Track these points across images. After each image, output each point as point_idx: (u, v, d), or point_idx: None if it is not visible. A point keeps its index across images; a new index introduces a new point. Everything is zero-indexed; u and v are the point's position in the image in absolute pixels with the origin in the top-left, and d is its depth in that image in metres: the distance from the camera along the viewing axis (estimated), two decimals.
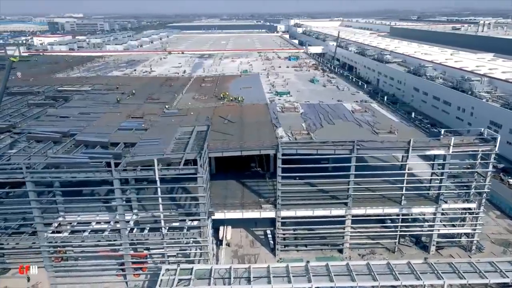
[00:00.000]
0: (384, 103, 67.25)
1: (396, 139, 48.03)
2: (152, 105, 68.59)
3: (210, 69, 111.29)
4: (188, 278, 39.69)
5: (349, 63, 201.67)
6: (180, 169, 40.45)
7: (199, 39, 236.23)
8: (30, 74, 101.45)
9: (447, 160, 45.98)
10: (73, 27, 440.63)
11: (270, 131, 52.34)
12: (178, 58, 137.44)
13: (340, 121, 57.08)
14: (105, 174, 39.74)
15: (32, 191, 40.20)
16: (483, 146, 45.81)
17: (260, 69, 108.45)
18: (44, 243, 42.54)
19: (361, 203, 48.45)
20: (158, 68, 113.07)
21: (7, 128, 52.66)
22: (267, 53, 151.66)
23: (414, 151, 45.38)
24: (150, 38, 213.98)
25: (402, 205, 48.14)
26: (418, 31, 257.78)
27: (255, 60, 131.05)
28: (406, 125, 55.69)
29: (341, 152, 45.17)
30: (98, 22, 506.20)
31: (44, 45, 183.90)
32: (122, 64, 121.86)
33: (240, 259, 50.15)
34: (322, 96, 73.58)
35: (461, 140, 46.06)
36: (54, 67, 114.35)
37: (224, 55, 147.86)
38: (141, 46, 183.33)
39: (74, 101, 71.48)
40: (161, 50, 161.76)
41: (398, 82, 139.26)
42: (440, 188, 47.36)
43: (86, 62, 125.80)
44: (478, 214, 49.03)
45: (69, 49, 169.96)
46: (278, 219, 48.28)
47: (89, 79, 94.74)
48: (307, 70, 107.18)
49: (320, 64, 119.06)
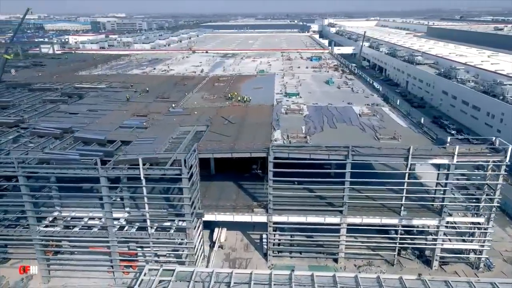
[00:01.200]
0: (396, 106, 63.95)
1: (398, 145, 45.40)
2: (160, 103, 69.16)
3: (229, 68, 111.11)
4: (168, 280, 39.29)
5: (379, 64, 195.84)
6: (164, 169, 40.18)
7: (227, 38, 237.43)
8: (55, 72, 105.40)
9: (451, 170, 42.85)
10: (113, 26, 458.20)
11: (267, 134, 51.09)
12: (201, 57, 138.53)
13: (344, 125, 54.81)
14: (92, 171, 40.18)
15: (24, 185, 41.35)
16: (493, 157, 42.29)
17: (278, 70, 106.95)
18: (36, 236, 43.69)
19: (358, 211, 46.24)
20: (177, 67, 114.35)
21: (15, 123, 54.69)
22: (291, 53, 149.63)
23: (414, 159, 42.65)
24: (179, 37, 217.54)
25: (401, 216, 45.47)
26: (457, 32, 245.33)
27: (276, 60, 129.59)
28: (414, 131, 52.55)
29: (335, 157, 43.29)
30: (137, 22, 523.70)
31: (77, 44, 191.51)
32: (145, 63, 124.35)
33: (231, 263, 49.31)
34: (333, 98, 71.20)
35: (467, 149, 42.70)
36: (80, 65, 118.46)
37: (247, 54, 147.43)
38: (169, 45, 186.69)
39: (87, 98, 73.44)
40: (186, 49, 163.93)
41: (427, 85, 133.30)
42: (443, 200, 44.26)
43: (111, 60, 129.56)
44: (487, 230, 45.39)
45: (100, 47, 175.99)
46: (269, 224, 47.03)
47: (108, 77, 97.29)
48: (326, 71, 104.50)
49: (341, 65, 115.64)
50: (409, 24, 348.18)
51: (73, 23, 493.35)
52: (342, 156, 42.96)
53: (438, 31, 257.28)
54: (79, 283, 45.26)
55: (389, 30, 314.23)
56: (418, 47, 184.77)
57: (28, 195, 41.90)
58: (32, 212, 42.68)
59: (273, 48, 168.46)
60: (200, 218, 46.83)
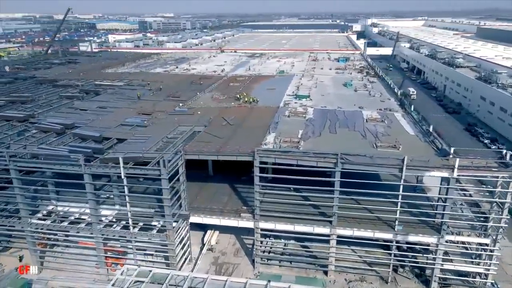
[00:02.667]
0: (410, 113, 59.80)
1: (398, 155, 42.22)
2: (170, 102, 69.57)
3: (251, 68, 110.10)
4: (142, 281, 39.04)
5: (418, 67, 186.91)
6: (144, 169, 39.95)
7: (262, 38, 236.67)
8: (85, 69, 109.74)
9: (451, 184, 39.09)
10: (159, 25, 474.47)
11: (261, 137, 49.46)
12: (227, 57, 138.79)
13: (345, 130, 51.98)
14: (76, 168, 40.81)
15: (15, 178, 42.88)
16: (499, 172, 38.04)
17: (299, 71, 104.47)
18: (27, 228, 45.21)
19: (349, 223, 43.58)
20: (200, 66, 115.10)
21: (24, 118, 57.13)
22: (320, 54, 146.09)
23: (409, 171, 39.34)
24: (212, 36, 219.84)
25: (396, 231, 42.23)
26: (508, 32, 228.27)
27: (301, 60, 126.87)
28: (421, 140, 48.65)
29: (323, 165, 40.98)
30: (182, 21, 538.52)
31: (114, 42, 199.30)
32: (170, 61, 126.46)
33: (218, 267, 48.38)
34: (346, 102, 68.07)
35: (469, 162, 38.72)
36: (110, 63, 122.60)
37: (274, 54, 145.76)
38: (201, 44, 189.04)
39: (103, 95, 75.51)
40: (215, 49, 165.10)
41: (465, 89, 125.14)
42: (443, 216, 40.53)
43: (140, 59, 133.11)
44: (493, 252, 41.00)
45: (135, 46, 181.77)
46: (256, 230, 45.56)
47: (131, 75, 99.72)
48: (349, 73, 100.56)
49: (367, 67, 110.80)
50: (458, 24, 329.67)
51: (122, 22, 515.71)
52: (331, 164, 40.62)
53: (488, 31, 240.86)
54: (68, 276, 46.37)
55: (436, 31, 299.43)
56: (463, 48, 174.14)
57: (19, 188, 43.38)
58: (23, 204, 44.19)
59: (304, 48, 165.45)
60: (186, 220, 46.34)
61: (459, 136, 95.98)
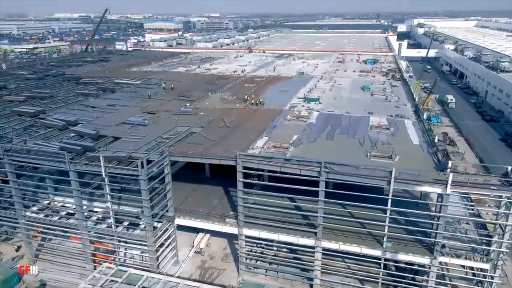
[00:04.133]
0: (422, 120, 55.64)
1: (391, 165, 39.24)
2: (178, 102, 69.82)
3: (273, 69, 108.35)
4: (116, 280, 39.17)
5: (460, 70, 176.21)
6: (124, 169, 39.95)
7: (296, 38, 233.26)
8: (112, 67, 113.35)
9: (444, 201, 35.63)
10: (202, 25, 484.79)
11: (253, 140, 48.01)
12: (254, 57, 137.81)
13: (344, 137, 49.23)
14: (62, 165, 41.66)
15: (10, 172, 44.61)
16: (499, 191, 34.10)
17: (321, 72, 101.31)
18: (22, 220, 46.94)
19: (336, 236, 41.13)
20: (223, 66, 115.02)
21: (34, 113, 59.50)
22: (350, 55, 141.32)
23: (398, 185, 36.30)
24: (246, 36, 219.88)
25: (384, 248, 39.25)
26: None
27: (327, 62, 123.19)
28: (423, 151, 44.92)
29: (307, 173, 38.88)
30: (225, 21, 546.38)
31: (148, 42, 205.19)
32: (196, 61, 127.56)
33: (203, 271, 47.65)
34: (356, 106, 64.81)
35: (465, 178, 35.02)
36: (138, 61, 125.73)
37: (302, 55, 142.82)
38: (233, 44, 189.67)
39: (118, 93, 77.32)
40: (244, 49, 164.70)
41: (507, 95, 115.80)
42: (436, 236, 37.09)
43: (167, 58, 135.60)
44: (493, 279, 36.90)
45: (168, 45, 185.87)
46: (240, 237, 44.27)
47: (153, 73, 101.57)
48: (372, 76, 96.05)
49: (394, 70, 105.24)
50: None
51: (167, 22, 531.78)
52: (315, 173, 38.46)
53: None
54: (58, 269, 47.65)
55: (488, 32, 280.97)
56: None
57: (14, 181, 45.08)
58: (17, 197, 45.89)
59: (334, 49, 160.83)
60: (171, 222, 45.99)
61: (492, 146, 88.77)
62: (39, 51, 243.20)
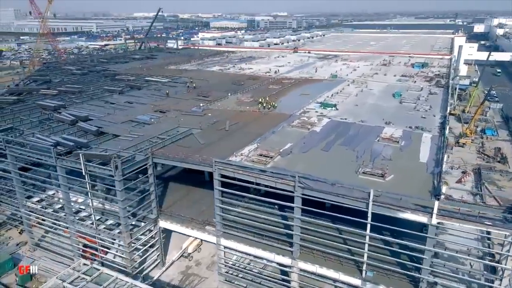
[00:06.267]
0: (443, 135, 49.05)
1: (380, 186, 34.97)
2: (194, 101, 69.52)
3: (309, 71, 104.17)
4: (85, 278, 39.39)
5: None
6: (100, 168, 39.99)
7: (352, 39, 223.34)
8: (154, 64, 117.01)
9: (429, 232, 30.63)
10: (266, 24, 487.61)
11: (242, 146, 45.69)
12: (296, 57, 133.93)
13: (342, 149, 44.92)
14: (51, 160, 42.92)
15: (11, 163, 47.11)
16: (495, 227, 28.42)
17: (356, 76, 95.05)
18: (22, 210, 49.47)
19: (315, 257, 37.58)
20: (258, 66, 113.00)
21: (55, 107, 62.72)
22: (399, 58, 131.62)
23: (377, 208, 31.93)
24: (298, 36, 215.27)
25: (365, 277, 34.96)
26: None
27: (369, 64, 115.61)
28: (427, 171, 39.19)
29: (282, 187, 35.86)
30: (288, 20, 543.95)
31: (199, 40, 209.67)
32: (235, 60, 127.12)
33: (185, 277, 46.66)
34: (376, 114, 59.34)
35: (456, 208, 29.66)
36: (181, 59, 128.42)
37: (349, 57, 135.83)
38: (282, 43, 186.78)
39: (143, 90, 79.17)
40: (289, 49, 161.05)
41: None
42: (420, 271, 32.13)
43: (209, 56, 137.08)
44: None
45: (217, 44, 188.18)
46: (218, 246, 42.38)
47: (186, 72, 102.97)
48: (413, 81, 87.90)
49: (442, 75, 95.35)
50: None
51: (232, 21, 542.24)
52: (290, 187, 35.33)
53: None
54: (52, 260, 49.51)
55: None
56: None
57: (15, 172, 47.56)
58: (18, 187, 48.38)
59: (386, 51, 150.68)
60: (155, 223, 45.41)
61: None
62: (109, 47, 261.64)
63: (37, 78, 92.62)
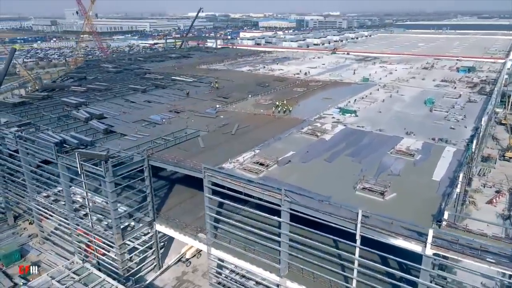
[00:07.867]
0: (468, 149, 43.65)
1: (378, 205, 31.51)
2: (213, 102, 68.66)
3: (342, 73, 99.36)
4: (73, 277, 39.50)
5: None
6: (94, 168, 39.82)
7: (400, 39, 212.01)
8: (186, 64, 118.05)
9: (423, 264, 26.77)
10: (315, 24, 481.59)
11: (242, 152, 43.61)
12: (332, 59, 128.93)
13: (347, 160, 41.37)
14: (53, 157, 43.68)
15: (22, 158, 48.71)
16: (498, 266, 24.07)
17: (390, 80, 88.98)
18: (32, 204, 51.08)
19: (304, 278, 34.71)
20: (289, 67, 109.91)
21: (76, 104, 64.47)
22: (445, 61, 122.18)
23: (366, 231, 28.54)
24: (341, 36, 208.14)
25: None
26: None
27: (409, 68, 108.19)
28: (437, 190, 34.74)
29: (269, 199, 33.43)
30: (338, 20, 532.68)
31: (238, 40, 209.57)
32: (268, 60, 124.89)
33: (178, 284, 45.56)
34: (399, 123, 54.59)
35: (454, 239, 25.55)
36: (215, 59, 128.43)
37: (389, 59, 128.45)
38: (322, 44, 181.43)
39: (166, 90, 79.60)
40: (328, 50, 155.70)
41: None
42: None
43: (244, 56, 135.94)
44: None
45: (256, 44, 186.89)
46: (209, 256, 40.75)
47: (216, 72, 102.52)
48: (453, 88, 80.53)
49: (487, 81, 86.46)
50: None
51: (281, 20, 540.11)
52: (277, 200, 32.82)
53: None
54: (57, 253, 50.66)
55: None
56: None
57: (26, 167, 49.14)
58: (29, 182, 49.97)
59: (433, 53, 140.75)
60: (150, 226, 44.73)
61: None
62: (158, 46, 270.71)
63: (74, 75, 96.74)
